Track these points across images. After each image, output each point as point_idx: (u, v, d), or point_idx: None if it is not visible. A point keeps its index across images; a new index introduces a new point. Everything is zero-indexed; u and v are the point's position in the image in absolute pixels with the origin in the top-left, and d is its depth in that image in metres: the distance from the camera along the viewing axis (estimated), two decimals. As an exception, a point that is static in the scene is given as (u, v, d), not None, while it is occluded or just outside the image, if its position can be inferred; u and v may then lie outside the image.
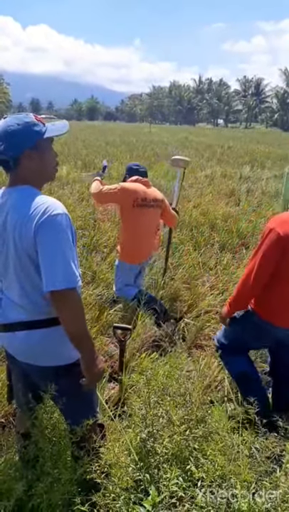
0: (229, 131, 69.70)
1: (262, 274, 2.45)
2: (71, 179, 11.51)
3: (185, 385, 2.27)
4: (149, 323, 3.93)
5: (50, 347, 1.92)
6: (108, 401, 3.02)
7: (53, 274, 1.69)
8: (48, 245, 1.71)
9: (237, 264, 5.74)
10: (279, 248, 2.35)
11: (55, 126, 1.92)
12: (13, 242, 1.79)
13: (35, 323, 1.89)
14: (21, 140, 1.80)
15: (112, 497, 1.89)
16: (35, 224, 1.71)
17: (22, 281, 1.86)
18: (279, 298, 2.51)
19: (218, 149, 24.97)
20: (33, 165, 1.85)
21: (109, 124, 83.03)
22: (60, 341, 1.91)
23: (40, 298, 1.86)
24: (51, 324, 1.89)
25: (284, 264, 2.39)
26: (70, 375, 1.96)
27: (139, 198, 3.89)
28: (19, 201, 1.80)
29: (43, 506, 1.89)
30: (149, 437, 2.01)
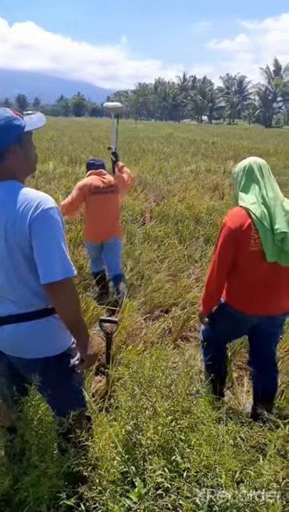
0: (213, 127, 69.92)
1: (222, 267, 2.61)
2: (57, 174, 11.45)
3: (171, 377, 2.27)
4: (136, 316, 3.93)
5: (38, 339, 1.93)
6: (95, 394, 3.02)
7: (51, 266, 1.75)
8: (44, 239, 1.75)
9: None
10: (232, 240, 2.52)
11: (32, 120, 1.93)
12: (3, 237, 1.79)
13: (23, 316, 1.90)
14: (5, 135, 1.81)
15: (99, 490, 1.89)
16: (29, 219, 1.74)
17: (10, 275, 1.86)
18: (245, 287, 2.65)
19: (203, 145, 25.05)
20: (18, 159, 1.86)
21: (96, 120, 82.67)
22: (48, 332, 1.94)
23: (28, 291, 1.87)
24: (39, 316, 1.91)
25: (241, 254, 2.54)
26: (59, 366, 1.99)
27: (92, 187, 4.51)
28: (8, 197, 1.80)
29: (30, 500, 1.88)
30: (134, 429, 2.00)
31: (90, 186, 4.50)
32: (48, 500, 1.88)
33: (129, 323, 3.82)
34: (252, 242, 2.48)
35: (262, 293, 2.62)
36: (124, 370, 2.34)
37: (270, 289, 2.62)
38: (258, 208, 2.49)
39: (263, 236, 2.46)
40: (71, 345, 2.06)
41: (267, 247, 2.47)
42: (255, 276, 2.59)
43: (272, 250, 2.48)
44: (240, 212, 2.53)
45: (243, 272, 2.61)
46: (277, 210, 2.48)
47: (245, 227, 2.48)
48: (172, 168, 14.09)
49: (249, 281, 2.62)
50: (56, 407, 2.07)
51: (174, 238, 6.41)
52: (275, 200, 2.52)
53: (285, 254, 2.49)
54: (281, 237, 2.44)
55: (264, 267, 2.54)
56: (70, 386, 2.06)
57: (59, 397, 2.03)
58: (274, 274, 2.56)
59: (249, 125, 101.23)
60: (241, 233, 2.48)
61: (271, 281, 2.59)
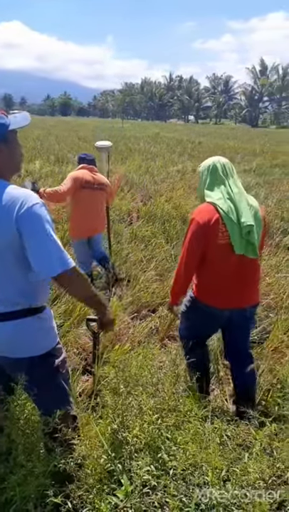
0: (200, 127, 70.13)
1: (191, 260, 2.69)
2: (44, 173, 11.39)
3: (157, 375, 2.28)
4: (123, 315, 3.94)
5: (24, 338, 1.93)
6: (82, 393, 3.02)
7: (49, 261, 1.77)
8: (36, 236, 1.76)
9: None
10: (201, 234, 2.61)
11: (17, 119, 1.92)
12: None
13: (9, 315, 1.89)
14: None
15: (86, 488, 1.89)
16: (15, 217, 1.74)
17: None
18: (215, 281, 2.74)
19: (189, 145, 25.11)
20: (2, 157, 1.85)
21: (82, 120, 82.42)
22: (33, 331, 1.94)
23: (14, 289, 1.87)
24: (24, 315, 1.91)
25: (210, 247, 2.63)
26: (44, 365, 2.00)
27: (84, 181, 4.61)
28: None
29: (17, 499, 1.88)
30: (120, 428, 2.01)
31: (82, 180, 4.61)
32: (34, 499, 1.88)
33: (116, 322, 3.81)
34: (220, 235, 2.58)
35: (232, 286, 2.70)
36: (109, 369, 2.35)
37: (240, 282, 2.70)
38: (224, 203, 2.60)
39: (231, 229, 2.57)
40: (56, 345, 2.07)
41: (234, 240, 2.58)
42: (224, 270, 2.68)
43: (240, 243, 2.59)
44: (208, 208, 2.63)
45: (213, 266, 2.69)
46: (243, 204, 2.61)
47: (213, 221, 2.57)
48: (159, 167, 14.11)
49: (219, 275, 2.70)
50: (42, 407, 2.06)
51: (160, 238, 6.42)
52: (239, 195, 2.64)
53: (251, 246, 2.61)
54: (247, 230, 2.56)
55: (233, 260, 2.64)
56: (56, 385, 2.07)
57: (45, 397, 2.03)
58: (243, 267, 2.67)
59: (235, 125, 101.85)
60: (209, 227, 2.58)
61: (240, 274, 2.69)
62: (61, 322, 3.76)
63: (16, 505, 1.87)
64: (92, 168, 4.84)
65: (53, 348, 2.03)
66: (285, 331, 3.98)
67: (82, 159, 4.93)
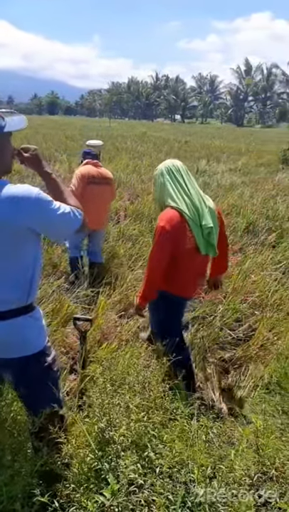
0: (186, 126, 70.31)
1: (160, 265, 2.82)
2: (31, 172, 11.32)
3: (144, 374, 2.28)
4: (110, 314, 3.94)
5: (15, 338, 1.93)
6: (69, 393, 3.01)
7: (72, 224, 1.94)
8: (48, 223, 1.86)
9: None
10: (169, 241, 2.74)
11: (13, 121, 1.92)
12: None
13: (3, 314, 1.89)
14: None
15: (72, 487, 1.89)
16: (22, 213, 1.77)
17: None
18: (182, 276, 2.91)
19: (176, 144, 25.16)
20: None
21: (70, 119, 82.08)
22: (26, 331, 1.94)
23: (6, 288, 1.87)
24: (16, 315, 1.90)
25: (178, 251, 2.78)
26: (38, 364, 2.00)
27: (91, 176, 4.76)
28: None
29: (4, 499, 1.87)
30: (107, 426, 2.01)
31: (88, 176, 4.76)
32: (21, 498, 1.87)
33: (103, 321, 3.82)
34: (187, 240, 2.74)
35: (195, 280, 3.01)
36: (94, 368, 2.35)
37: (200, 276, 3.05)
38: (187, 208, 2.75)
39: (196, 233, 2.75)
40: (47, 344, 2.06)
41: (199, 242, 2.78)
42: (191, 268, 2.90)
43: (203, 244, 2.79)
44: (174, 214, 2.75)
45: (181, 265, 2.85)
46: (202, 207, 2.78)
47: (180, 228, 2.73)
48: (146, 166, 14.11)
49: (186, 271, 2.89)
50: (32, 406, 2.06)
51: (148, 236, 6.42)
52: (198, 197, 2.81)
53: (211, 246, 2.83)
54: (208, 231, 2.75)
55: (199, 260, 2.88)
56: (47, 384, 2.06)
57: (36, 396, 2.02)
58: (203, 264, 2.98)
59: (221, 124, 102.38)
60: (178, 234, 2.73)
61: (202, 270, 3.02)
62: (48, 321, 3.74)
63: (3, 506, 1.86)
64: (97, 163, 4.95)
65: (44, 346, 2.03)
66: (270, 328, 4.02)
67: (86, 154, 5.05)
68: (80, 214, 1.98)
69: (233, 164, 15.99)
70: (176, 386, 2.62)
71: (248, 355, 3.73)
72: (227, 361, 3.75)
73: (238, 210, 8.32)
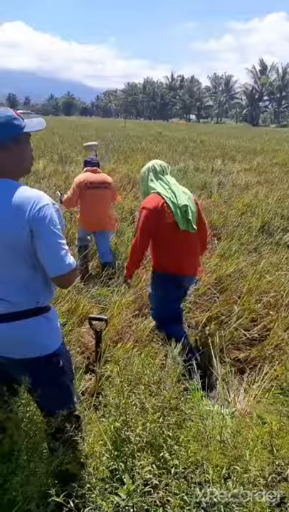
0: (201, 126, 70.04)
1: (144, 239, 3.36)
2: (47, 173, 11.41)
3: (159, 374, 2.28)
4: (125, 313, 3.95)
5: (28, 338, 1.93)
6: (85, 392, 3.02)
7: (58, 261, 1.83)
8: (46, 237, 1.81)
9: (209, 254, 5.78)
10: (152, 217, 3.29)
11: (33, 123, 1.97)
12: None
13: (13, 315, 1.90)
14: (4, 131, 1.84)
15: (88, 487, 1.89)
16: (27, 217, 1.77)
17: (2, 275, 1.88)
18: (170, 254, 3.38)
19: (191, 144, 25.10)
20: (12, 157, 1.88)
21: (86, 119, 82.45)
22: (38, 332, 1.95)
23: (18, 290, 1.88)
24: (29, 315, 1.91)
25: (161, 226, 3.30)
26: (50, 366, 1.99)
27: (88, 182, 5.14)
28: (2, 196, 1.81)
29: (19, 499, 1.88)
30: (122, 426, 2.01)
31: (85, 182, 5.14)
32: (37, 498, 1.87)
33: (118, 321, 3.82)
34: (166, 215, 3.27)
35: (182, 257, 3.38)
36: (112, 368, 2.35)
37: (188, 253, 3.41)
38: (166, 191, 3.34)
39: (174, 210, 3.28)
40: (61, 345, 2.07)
41: (178, 218, 3.28)
42: (174, 244, 3.35)
43: (182, 220, 3.29)
44: (155, 197, 3.34)
45: (165, 241, 3.36)
46: (179, 191, 3.37)
47: (160, 206, 3.28)
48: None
49: (171, 248, 3.36)
50: (46, 407, 2.06)
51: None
52: (175, 186, 3.40)
53: (189, 222, 3.32)
54: (184, 209, 3.28)
55: (180, 235, 3.32)
56: (60, 385, 2.06)
57: (49, 397, 2.02)
58: (189, 242, 3.38)
59: (236, 124, 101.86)
60: (158, 211, 3.27)
61: (188, 248, 3.39)
62: (64, 321, 3.76)
63: (19, 506, 1.87)
64: (95, 170, 5.32)
65: (58, 347, 2.03)
66: (285, 328, 3.98)
67: (87, 163, 5.46)
68: (74, 265, 1.89)
69: (248, 164, 15.88)
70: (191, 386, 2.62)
71: (262, 355, 3.70)
72: (242, 361, 3.73)
73: (252, 210, 8.28)
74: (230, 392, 3.09)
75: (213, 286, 4.83)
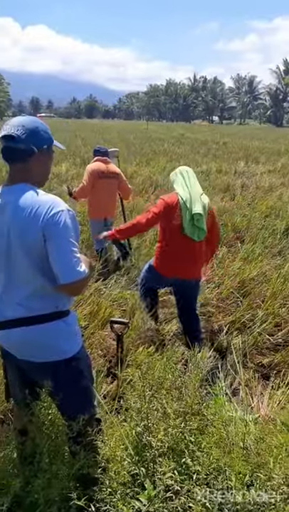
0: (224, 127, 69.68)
1: (150, 223, 3.58)
2: (70, 176, 11.50)
3: (181, 378, 2.26)
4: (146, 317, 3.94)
5: (47, 342, 1.94)
6: (106, 396, 3.02)
7: (69, 269, 1.81)
8: (59, 243, 1.81)
9: (232, 257, 5.73)
10: (164, 209, 3.51)
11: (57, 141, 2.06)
12: (15, 241, 1.84)
13: (32, 320, 1.91)
14: (42, 137, 1.92)
15: (109, 491, 1.88)
16: (41, 223, 1.79)
17: (19, 279, 1.90)
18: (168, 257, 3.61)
19: (214, 145, 25.00)
20: (40, 166, 1.94)
21: (108, 122, 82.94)
22: (57, 336, 1.95)
23: (36, 294, 1.90)
24: (47, 320, 1.92)
25: (168, 224, 3.52)
26: (69, 370, 1.99)
27: (100, 171, 5.44)
28: (20, 200, 1.83)
29: (41, 502, 1.89)
30: (144, 431, 2.00)
31: (98, 171, 5.43)
32: (58, 502, 1.88)
33: (140, 324, 3.81)
34: (175, 216, 3.46)
35: (179, 261, 3.55)
36: (133, 372, 2.34)
37: (186, 258, 3.54)
38: (184, 194, 3.50)
39: (184, 214, 3.45)
40: (80, 349, 2.07)
41: (185, 223, 3.45)
42: (174, 246, 3.54)
43: (188, 226, 3.44)
44: (174, 195, 3.57)
45: (167, 241, 3.59)
46: (197, 198, 3.49)
47: (174, 204, 3.49)
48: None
49: (170, 250, 3.57)
50: (66, 411, 2.07)
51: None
52: (195, 192, 3.53)
53: (200, 230, 3.47)
54: (197, 217, 3.42)
55: (182, 239, 3.48)
56: (80, 390, 2.07)
57: (69, 401, 2.02)
58: (191, 248, 3.51)
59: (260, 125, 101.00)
60: (171, 207, 3.49)
61: (186, 252, 3.52)
62: (86, 324, 3.78)
63: (41, 509, 1.88)
64: (106, 160, 5.59)
65: (77, 352, 2.03)
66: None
67: (96, 152, 5.73)
68: (84, 273, 1.86)
69: (272, 165, 15.72)
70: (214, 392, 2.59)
71: (287, 360, 3.65)
72: (266, 366, 3.68)
73: (277, 212, 8.17)
74: (254, 398, 3.05)
75: (236, 289, 4.78)
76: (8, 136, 1.84)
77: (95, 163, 5.58)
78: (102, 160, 5.59)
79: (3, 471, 2.11)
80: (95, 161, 5.63)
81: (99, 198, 5.52)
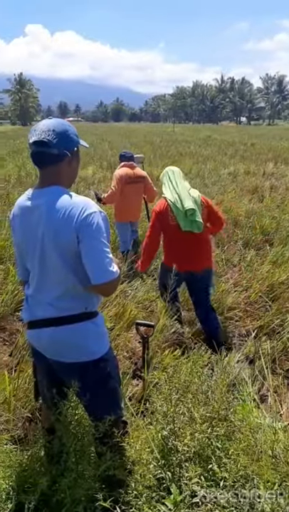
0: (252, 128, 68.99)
1: (153, 238, 3.88)
2: (96, 179, 11.58)
3: (207, 383, 2.24)
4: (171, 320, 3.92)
5: (76, 342, 1.96)
6: (132, 398, 3.01)
7: (101, 270, 1.84)
8: (92, 244, 1.83)
9: (261, 260, 5.64)
10: (158, 219, 3.79)
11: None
12: (49, 243, 1.86)
13: (62, 320, 1.94)
14: (72, 140, 1.94)
15: (135, 494, 1.88)
16: (74, 224, 1.81)
17: (50, 279, 1.93)
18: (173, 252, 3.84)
19: (241, 147, 24.76)
20: (70, 168, 1.96)
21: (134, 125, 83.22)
22: (86, 337, 1.97)
23: (67, 295, 1.93)
24: (78, 320, 1.94)
25: (165, 227, 3.77)
26: (97, 371, 2.01)
27: (128, 177, 5.63)
28: (54, 202, 1.85)
29: (67, 501, 1.90)
30: (170, 435, 1.99)
31: (126, 177, 5.61)
32: (84, 502, 1.89)
33: (165, 326, 3.80)
34: (170, 218, 3.70)
35: (184, 255, 3.74)
36: (160, 375, 2.33)
37: (191, 252, 3.74)
38: (171, 196, 3.72)
39: (176, 214, 3.66)
40: (108, 351, 2.08)
41: (180, 221, 3.65)
42: (177, 243, 3.77)
43: (184, 222, 3.64)
44: (161, 201, 3.82)
45: (171, 241, 3.84)
46: (185, 195, 3.67)
47: (164, 209, 3.74)
48: (210, 170, 13.98)
49: (175, 247, 3.82)
50: (93, 412, 2.08)
51: (211, 241, 6.34)
52: (182, 189, 3.72)
53: (195, 223, 3.62)
54: (191, 212, 3.59)
55: (182, 236, 3.69)
56: (107, 391, 2.07)
57: (96, 402, 2.04)
58: (190, 241, 3.69)
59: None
60: (162, 214, 3.74)
61: (190, 246, 3.72)
62: (112, 326, 3.79)
63: (67, 508, 1.89)
64: (132, 165, 5.76)
65: (105, 353, 2.04)
66: None
67: (122, 157, 5.91)
68: (116, 274, 1.88)
69: (302, 167, 15.46)
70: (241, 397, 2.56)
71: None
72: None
73: (307, 214, 8.02)
74: (283, 405, 3.00)
75: (265, 294, 4.70)
76: (40, 142, 1.84)
77: (122, 168, 5.73)
78: (128, 165, 5.75)
79: (31, 469, 2.13)
80: (121, 166, 5.78)
81: (126, 203, 5.70)
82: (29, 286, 2.05)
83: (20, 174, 12.95)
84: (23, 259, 2.06)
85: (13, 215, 2.01)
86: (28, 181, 11.55)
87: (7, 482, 2.06)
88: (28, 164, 14.47)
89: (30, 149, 1.90)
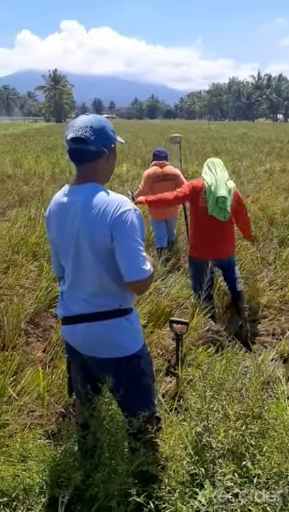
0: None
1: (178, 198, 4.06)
2: (131, 176, 11.62)
3: (241, 381, 2.23)
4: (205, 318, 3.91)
5: (110, 339, 1.98)
6: (165, 395, 3.02)
7: (135, 267, 1.83)
8: (126, 241, 1.83)
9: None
10: (190, 192, 3.98)
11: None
12: (84, 241, 1.88)
13: (97, 316, 1.96)
14: (109, 137, 1.93)
15: (168, 489, 1.89)
16: (108, 221, 1.81)
17: (85, 275, 1.95)
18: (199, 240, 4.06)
19: (278, 144, 24.33)
20: (107, 164, 1.97)
21: (169, 122, 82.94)
22: (120, 333, 1.98)
23: (101, 291, 1.94)
24: (112, 316, 1.96)
25: (194, 206, 4.01)
26: (131, 367, 2.02)
27: (155, 175, 5.74)
28: (90, 199, 1.86)
29: (101, 496, 1.92)
30: (204, 431, 1.99)
31: (153, 175, 5.74)
32: (118, 496, 1.91)
33: (199, 324, 3.79)
34: (200, 199, 3.91)
35: (207, 241, 3.96)
36: (194, 372, 2.33)
37: (214, 239, 3.94)
38: (210, 179, 3.90)
39: (208, 197, 3.85)
40: (142, 347, 2.09)
41: (209, 205, 3.85)
42: (203, 227, 3.99)
43: (213, 207, 3.83)
44: (200, 180, 4.01)
45: (196, 223, 4.06)
46: (222, 183, 3.86)
47: (199, 187, 3.95)
48: (246, 168, 13.82)
49: (199, 231, 4.04)
50: (127, 408, 2.09)
51: (246, 240, 6.27)
52: (221, 178, 3.90)
53: (223, 211, 3.83)
54: (222, 200, 3.79)
55: (208, 220, 3.89)
56: (141, 387, 2.08)
57: (130, 398, 2.05)
58: (216, 227, 3.90)
59: None
60: (196, 190, 3.95)
61: (214, 232, 3.92)
62: (145, 323, 3.80)
63: (100, 502, 1.92)
64: (162, 163, 5.83)
65: (139, 349, 2.05)
66: None
67: (155, 156, 5.99)
68: (150, 272, 1.87)
69: None
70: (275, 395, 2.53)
71: None
72: None
73: None
74: None
75: (301, 292, 4.63)
76: (78, 139, 1.84)
77: (152, 168, 5.87)
78: (158, 164, 5.84)
79: (65, 464, 2.16)
80: (152, 165, 5.90)
81: None
82: (64, 282, 2.07)
83: (54, 171, 13.12)
84: (57, 256, 2.08)
85: (49, 212, 2.02)
86: (62, 178, 11.69)
87: (41, 476, 2.10)
88: (62, 161, 14.65)
89: (68, 146, 1.90)
